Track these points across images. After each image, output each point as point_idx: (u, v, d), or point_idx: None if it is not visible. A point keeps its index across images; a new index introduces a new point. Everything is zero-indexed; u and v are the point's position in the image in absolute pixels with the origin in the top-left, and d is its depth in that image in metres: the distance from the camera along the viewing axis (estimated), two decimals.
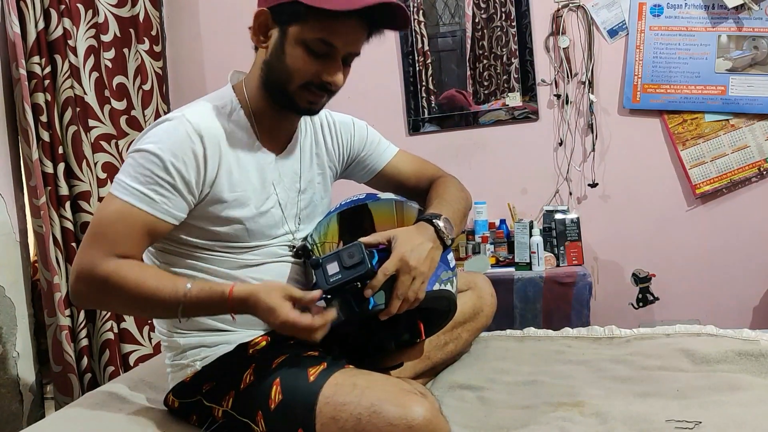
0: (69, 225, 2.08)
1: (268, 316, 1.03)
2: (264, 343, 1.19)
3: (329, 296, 1.09)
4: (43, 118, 2.02)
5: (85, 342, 2.11)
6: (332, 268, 1.08)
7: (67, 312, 2.05)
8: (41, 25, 2.03)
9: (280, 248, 1.23)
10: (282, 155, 1.25)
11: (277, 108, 1.21)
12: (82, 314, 2.09)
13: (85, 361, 2.11)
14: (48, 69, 2.05)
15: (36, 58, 2.01)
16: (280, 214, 1.23)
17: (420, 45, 2.72)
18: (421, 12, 2.71)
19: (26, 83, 1.98)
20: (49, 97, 2.04)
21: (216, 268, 1.18)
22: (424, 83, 2.73)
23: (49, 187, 2.03)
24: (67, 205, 2.08)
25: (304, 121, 1.32)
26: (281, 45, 1.13)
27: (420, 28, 2.72)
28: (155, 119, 2.55)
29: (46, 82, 2.04)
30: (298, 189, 1.27)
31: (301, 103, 1.17)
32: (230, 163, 1.15)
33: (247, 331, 1.20)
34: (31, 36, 2.00)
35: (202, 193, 1.13)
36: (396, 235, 1.14)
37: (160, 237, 1.13)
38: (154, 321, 1.30)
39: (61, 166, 2.06)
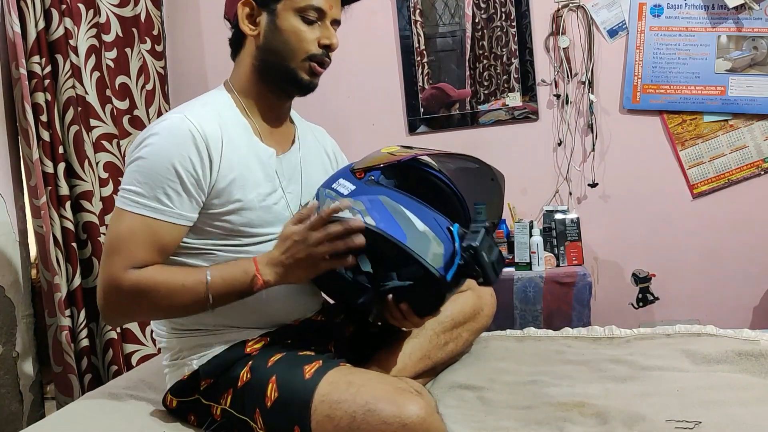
0: (69, 225, 2.07)
1: (286, 241, 1.11)
2: (262, 342, 1.19)
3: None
4: (44, 118, 2.02)
5: (85, 342, 2.10)
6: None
7: (68, 312, 2.05)
8: (41, 24, 2.02)
9: None
10: (284, 153, 1.27)
11: (271, 96, 1.25)
12: (82, 314, 2.09)
13: (85, 361, 2.10)
14: (48, 69, 2.04)
15: (36, 58, 2.00)
16: (286, 209, 1.23)
17: (420, 45, 2.72)
18: (420, 12, 2.71)
19: (26, 83, 1.97)
20: (49, 97, 2.03)
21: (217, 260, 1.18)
22: (425, 83, 2.73)
23: (50, 187, 2.03)
24: (68, 205, 2.07)
25: (301, 128, 1.37)
26: (273, 25, 1.19)
27: (419, 28, 2.72)
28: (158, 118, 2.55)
29: (47, 81, 2.03)
30: (301, 186, 1.29)
31: (304, 75, 1.21)
32: (232, 158, 1.16)
33: (245, 331, 1.20)
34: (32, 36, 1.99)
35: (209, 190, 1.14)
36: None
37: (178, 242, 1.14)
38: (152, 323, 1.30)
39: (62, 166, 2.06)
